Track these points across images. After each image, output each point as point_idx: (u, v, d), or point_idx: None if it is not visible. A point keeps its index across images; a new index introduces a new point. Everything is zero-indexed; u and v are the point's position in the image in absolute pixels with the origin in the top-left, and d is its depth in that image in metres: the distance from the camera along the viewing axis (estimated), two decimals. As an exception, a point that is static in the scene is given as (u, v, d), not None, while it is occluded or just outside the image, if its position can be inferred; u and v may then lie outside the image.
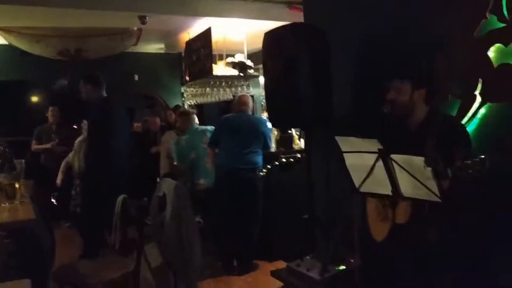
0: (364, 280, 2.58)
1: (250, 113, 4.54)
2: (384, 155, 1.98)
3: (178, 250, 2.92)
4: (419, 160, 1.87)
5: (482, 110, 2.46)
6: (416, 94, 2.32)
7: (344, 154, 2.12)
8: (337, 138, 2.11)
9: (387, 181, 2.01)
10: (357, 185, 2.14)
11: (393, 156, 1.95)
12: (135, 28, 6.31)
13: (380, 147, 1.99)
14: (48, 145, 6.02)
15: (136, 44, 6.84)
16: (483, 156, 1.77)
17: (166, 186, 3.08)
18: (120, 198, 2.59)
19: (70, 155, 5.12)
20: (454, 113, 2.58)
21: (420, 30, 2.75)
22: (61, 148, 5.90)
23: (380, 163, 2.00)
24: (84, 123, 4.76)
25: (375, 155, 2.01)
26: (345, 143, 2.11)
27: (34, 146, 6.11)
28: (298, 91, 3.08)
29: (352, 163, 2.12)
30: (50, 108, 6.26)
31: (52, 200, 5.30)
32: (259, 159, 4.37)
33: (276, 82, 3.24)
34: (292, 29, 3.18)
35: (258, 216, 4.39)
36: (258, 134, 4.36)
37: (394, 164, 1.96)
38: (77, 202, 4.91)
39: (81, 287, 2.44)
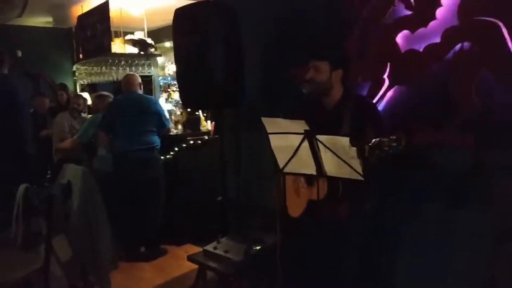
0: (282, 258, 2.64)
1: (139, 92, 4.35)
2: (310, 136, 2.01)
3: (87, 241, 2.72)
4: (344, 140, 1.93)
5: (390, 93, 2.62)
6: (334, 75, 2.40)
7: (270, 136, 2.11)
8: (263, 119, 2.10)
9: (312, 161, 2.06)
10: (281, 165, 2.15)
11: (318, 136, 2.00)
12: (19, -2, 5.65)
13: (307, 128, 2.02)
14: None
15: (20, 16, 6.13)
16: (397, 135, 1.88)
17: (71, 172, 2.83)
18: (22, 187, 2.32)
19: None
20: (364, 94, 2.73)
21: (334, 12, 2.84)
22: None
23: (305, 144, 2.04)
24: None
25: (301, 136, 2.04)
26: (271, 124, 2.11)
27: None
28: (211, 72, 3.03)
29: (277, 144, 2.12)
30: None
31: None
32: (155, 139, 4.22)
33: (188, 61, 3.15)
34: (205, 7, 3.09)
35: (161, 198, 4.26)
36: (150, 113, 4.19)
37: (319, 144, 2.01)
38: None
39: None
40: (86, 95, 6.48)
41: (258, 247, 2.93)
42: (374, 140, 1.90)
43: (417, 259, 2.58)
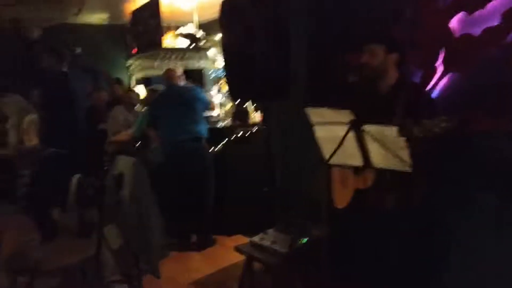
0: (329, 250, 2.60)
1: (180, 84, 4.46)
2: (356, 126, 1.95)
3: (138, 230, 2.81)
4: (392, 130, 1.85)
5: (444, 80, 2.49)
6: (389, 58, 2.32)
7: (315, 126, 2.07)
8: (307, 109, 2.06)
9: (358, 152, 2.00)
10: (327, 157, 2.11)
11: (365, 127, 1.93)
12: (76, -4, 5.89)
13: (352, 118, 1.96)
14: None
15: (78, 14, 6.40)
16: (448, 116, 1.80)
17: (123, 164, 2.93)
18: (76, 177, 2.42)
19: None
20: (417, 81, 2.61)
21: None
22: None
23: (351, 134, 1.98)
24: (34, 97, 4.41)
25: (346, 126, 1.98)
26: (315, 114, 2.06)
27: None
28: (258, 62, 3.00)
29: (323, 135, 2.08)
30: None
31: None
32: (201, 127, 4.30)
33: (235, 53, 3.15)
34: (251, -3, 3.06)
35: (210, 188, 4.33)
36: (191, 102, 4.29)
37: (366, 135, 1.94)
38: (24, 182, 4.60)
39: (37, 275, 2.28)
40: (140, 88, 6.68)
41: (305, 239, 2.90)
42: (425, 121, 1.83)
43: (469, 250, 2.45)
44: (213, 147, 4.50)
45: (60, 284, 2.29)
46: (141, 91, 6.33)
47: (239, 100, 4.48)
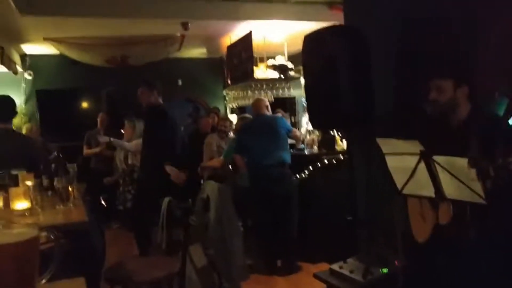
0: (407, 283, 2.55)
1: (267, 113, 4.68)
2: (426, 157, 1.95)
3: (222, 250, 2.99)
4: (462, 161, 1.83)
5: (532, 109, 2.37)
6: (459, 92, 2.28)
7: (386, 156, 2.10)
8: (378, 139, 2.10)
9: (430, 183, 1.99)
10: (399, 187, 2.12)
11: (435, 157, 1.93)
12: (178, 34, 6.47)
13: (422, 148, 1.97)
14: (97, 149, 6.30)
15: (179, 49, 7.00)
16: None
17: (210, 188, 3.17)
18: (166, 200, 2.68)
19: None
20: (501, 111, 2.50)
21: (463, 22, 2.68)
22: (109, 152, 6.16)
23: (422, 165, 1.98)
24: (137, 127, 4.94)
25: (417, 157, 1.98)
26: (386, 144, 2.10)
27: (85, 151, 6.41)
28: (338, 91, 3.08)
29: (394, 165, 2.10)
30: (100, 114, 6.54)
31: (102, 202, 5.54)
32: (286, 155, 4.46)
33: (316, 82, 3.27)
34: (332, 30, 3.19)
35: (293, 213, 4.42)
36: (278, 130, 4.49)
37: (437, 165, 1.93)
38: (121, 201, 5.12)
39: (130, 286, 2.54)
40: (234, 117, 7.05)
41: (384, 270, 2.87)
42: (499, 160, 1.77)
43: None
44: (299, 174, 4.61)
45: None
46: (234, 119, 6.68)
47: (317, 128, 4.60)
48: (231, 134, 5.83)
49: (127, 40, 6.58)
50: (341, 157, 4.60)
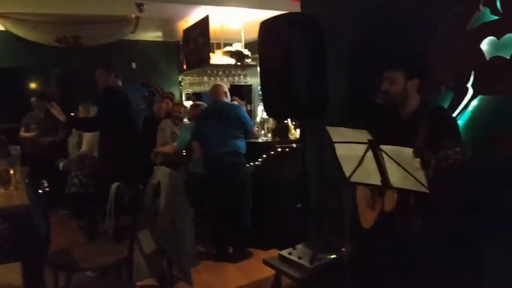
0: (353, 268, 2.63)
1: (225, 100, 4.61)
2: (373, 146, 2.00)
3: (172, 237, 2.96)
4: (408, 151, 1.89)
5: (474, 102, 2.48)
6: (409, 84, 2.35)
7: (335, 145, 2.14)
8: (327, 128, 2.13)
9: (377, 171, 2.04)
10: (347, 175, 2.16)
11: (382, 146, 1.98)
12: (133, 16, 6.28)
13: (370, 137, 2.01)
14: (31, 134, 6.01)
15: (134, 31, 6.81)
16: (462, 147, 1.80)
17: (161, 174, 3.11)
18: (114, 185, 2.62)
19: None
20: (446, 104, 2.61)
21: (414, 20, 2.76)
22: (45, 139, 5.92)
23: (370, 154, 2.03)
24: (91, 112, 4.78)
25: (365, 146, 2.03)
26: (336, 133, 2.13)
27: (21, 133, 6.10)
28: (293, 80, 3.09)
29: (343, 153, 2.14)
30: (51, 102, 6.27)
31: (45, 186, 5.31)
32: (241, 143, 4.44)
33: (272, 71, 3.25)
34: (288, 18, 3.17)
35: (247, 201, 4.44)
36: (234, 119, 4.44)
37: (384, 154, 1.98)
38: (69, 187, 4.96)
39: (75, 272, 2.48)
40: (189, 103, 6.96)
41: (332, 256, 2.94)
42: (440, 152, 1.84)
43: (499, 274, 2.38)
44: (252, 162, 4.62)
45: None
46: (189, 105, 6.60)
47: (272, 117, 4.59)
48: (185, 120, 5.76)
49: (79, 19, 6.31)
50: (294, 145, 4.66)
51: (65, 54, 6.84)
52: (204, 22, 5.86)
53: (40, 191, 3.56)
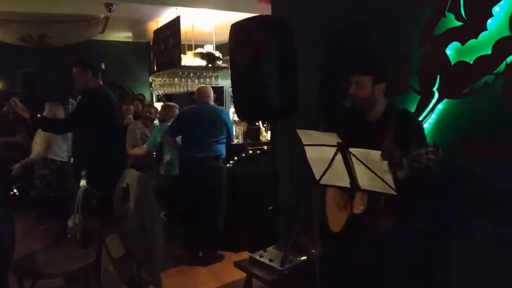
0: (323, 270, 2.65)
1: (211, 103, 4.56)
2: (342, 149, 2.03)
3: (141, 241, 2.91)
4: (375, 153, 1.93)
5: (440, 106, 2.54)
6: (377, 88, 2.40)
7: (305, 147, 2.16)
8: (298, 131, 2.15)
9: (346, 174, 2.07)
10: (317, 177, 2.18)
11: (351, 149, 2.01)
12: (102, 16, 6.18)
13: (339, 140, 2.04)
14: None
15: (103, 32, 6.70)
16: (435, 147, 1.84)
17: (130, 177, 3.05)
18: (82, 188, 2.56)
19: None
20: (413, 108, 2.66)
21: (381, 25, 2.82)
22: (9, 138, 5.74)
23: (339, 156, 2.05)
24: (58, 112, 4.61)
25: (334, 148, 2.06)
26: (306, 136, 2.15)
27: None
28: (264, 83, 3.10)
29: (313, 156, 2.16)
30: (12, 98, 6.06)
31: (14, 191, 5.16)
32: (222, 148, 4.41)
33: (243, 74, 3.25)
34: (258, 21, 3.19)
35: (222, 206, 4.41)
36: (221, 124, 4.40)
37: (352, 157, 2.01)
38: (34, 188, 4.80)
39: (41, 279, 2.41)
40: (159, 105, 6.89)
41: (302, 258, 2.96)
42: (412, 153, 1.88)
43: (472, 277, 2.45)
44: (224, 164, 4.60)
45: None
46: (160, 107, 6.53)
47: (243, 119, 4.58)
48: (156, 121, 5.69)
49: (45, 18, 6.15)
50: (266, 147, 4.67)
51: (31, 54, 6.66)
52: (174, 23, 5.82)
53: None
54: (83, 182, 3.51)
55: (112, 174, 3.57)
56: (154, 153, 5.07)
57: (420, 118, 2.58)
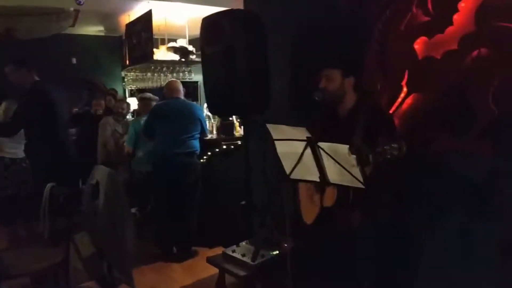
0: (295, 264, 2.66)
1: (183, 98, 4.49)
2: (312, 143, 2.03)
3: (112, 239, 2.87)
4: (343, 147, 1.94)
5: (409, 100, 2.57)
6: (346, 82, 2.41)
7: (275, 142, 2.15)
8: (268, 126, 2.14)
9: (315, 168, 2.07)
10: (287, 171, 2.18)
11: (320, 144, 2.01)
12: (72, 9, 6.02)
13: (309, 135, 2.04)
14: None
15: (73, 25, 6.53)
16: (399, 143, 1.86)
17: (99, 173, 3.01)
18: (49, 186, 2.50)
19: None
20: (383, 102, 2.69)
21: (351, 20, 2.83)
22: None
23: (308, 151, 2.06)
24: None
25: (304, 143, 2.06)
26: (276, 131, 2.15)
27: None
28: (236, 78, 3.08)
29: (283, 151, 2.16)
30: None
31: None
32: (197, 143, 4.35)
33: (214, 68, 3.23)
34: (229, 15, 3.16)
35: (197, 201, 4.38)
36: (194, 119, 4.33)
37: (321, 151, 2.02)
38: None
39: (7, 279, 2.34)
40: (132, 100, 6.79)
41: (275, 252, 2.97)
42: (377, 149, 1.89)
43: (436, 269, 2.50)
44: (198, 159, 4.56)
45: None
46: (133, 102, 6.43)
47: (215, 114, 4.56)
48: (128, 116, 5.61)
49: (13, 10, 5.96)
50: (239, 142, 4.65)
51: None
52: (147, 17, 5.73)
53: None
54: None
55: (62, 168, 3.54)
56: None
57: (390, 112, 2.61)
